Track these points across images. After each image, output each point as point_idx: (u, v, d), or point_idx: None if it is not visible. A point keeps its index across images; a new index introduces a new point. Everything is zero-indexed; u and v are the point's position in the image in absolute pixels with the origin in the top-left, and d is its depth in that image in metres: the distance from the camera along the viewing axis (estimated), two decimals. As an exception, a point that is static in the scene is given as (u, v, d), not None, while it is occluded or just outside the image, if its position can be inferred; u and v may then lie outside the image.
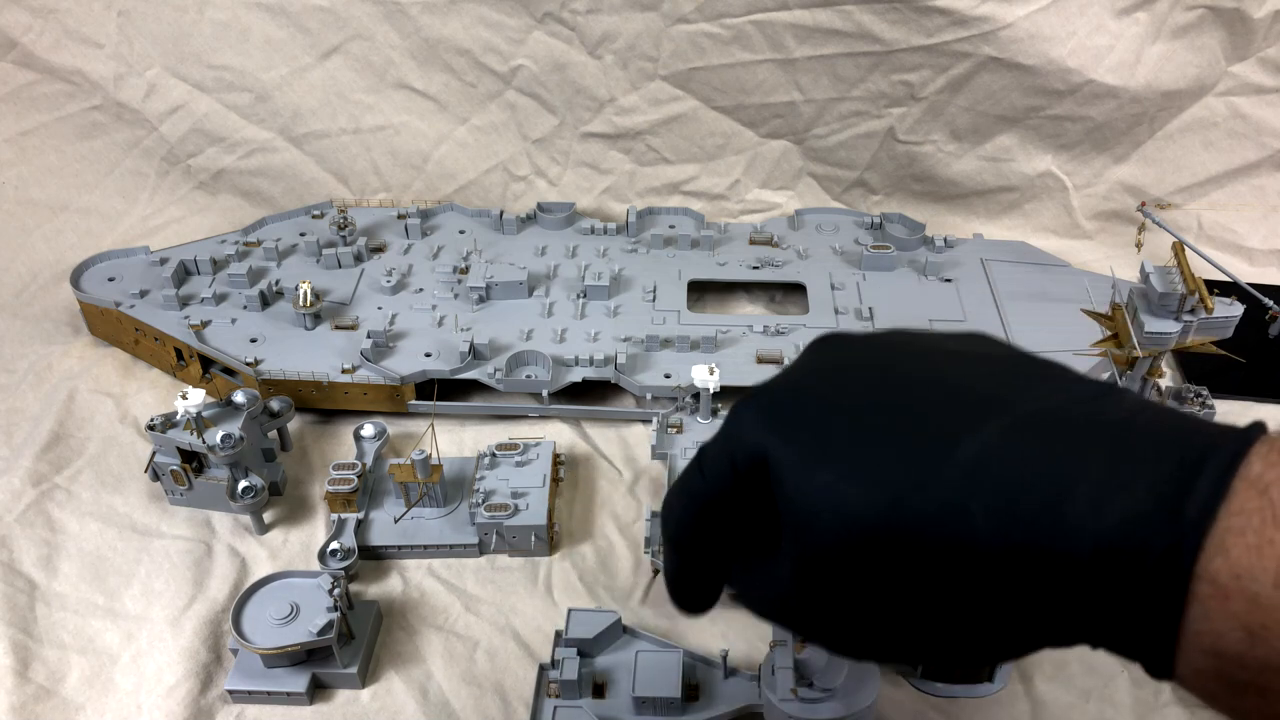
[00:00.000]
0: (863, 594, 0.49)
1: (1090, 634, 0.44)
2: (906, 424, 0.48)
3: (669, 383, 1.43)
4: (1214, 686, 0.40)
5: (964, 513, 0.44)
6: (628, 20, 1.62)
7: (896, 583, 0.47)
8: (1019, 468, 0.44)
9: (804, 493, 0.50)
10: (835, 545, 0.48)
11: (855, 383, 0.52)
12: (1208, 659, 0.39)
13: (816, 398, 0.52)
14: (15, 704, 1.10)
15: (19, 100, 1.76)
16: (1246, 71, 1.64)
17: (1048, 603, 0.44)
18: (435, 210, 1.76)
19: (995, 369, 0.51)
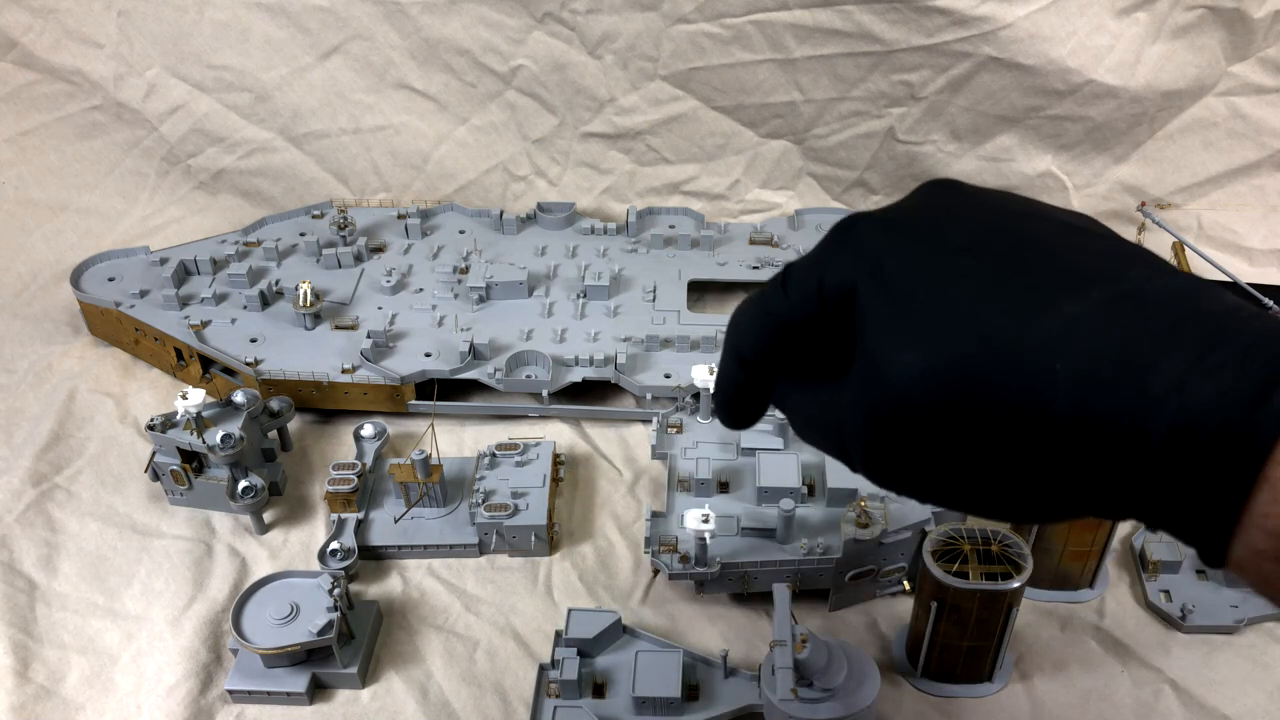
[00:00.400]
0: (926, 440, 0.49)
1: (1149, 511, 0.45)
2: (1006, 279, 0.48)
3: (669, 383, 1.43)
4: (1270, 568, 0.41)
5: (1048, 374, 0.44)
6: (628, 20, 1.62)
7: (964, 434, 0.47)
8: (1111, 337, 0.44)
9: (892, 327, 0.49)
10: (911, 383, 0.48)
11: (961, 230, 0.51)
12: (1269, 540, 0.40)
13: (920, 241, 0.51)
14: (15, 704, 1.10)
15: (19, 100, 1.76)
16: (1246, 71, 1.64)
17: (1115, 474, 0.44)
18: (435, 210, 1.76)
19: (1102, 245, 0.50)
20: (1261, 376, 0.41)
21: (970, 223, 0.52)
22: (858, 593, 1.20)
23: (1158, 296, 0.46)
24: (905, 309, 0.49)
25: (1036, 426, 0.45)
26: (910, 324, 0.49)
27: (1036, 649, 1.16)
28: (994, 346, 0.46)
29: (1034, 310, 0.46)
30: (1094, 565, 1.19)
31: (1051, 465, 0.46)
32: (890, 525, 1.14)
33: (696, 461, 1.26)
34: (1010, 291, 0.47)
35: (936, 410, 0.48)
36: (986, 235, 0.50)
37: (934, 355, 0.47)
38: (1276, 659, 1.15)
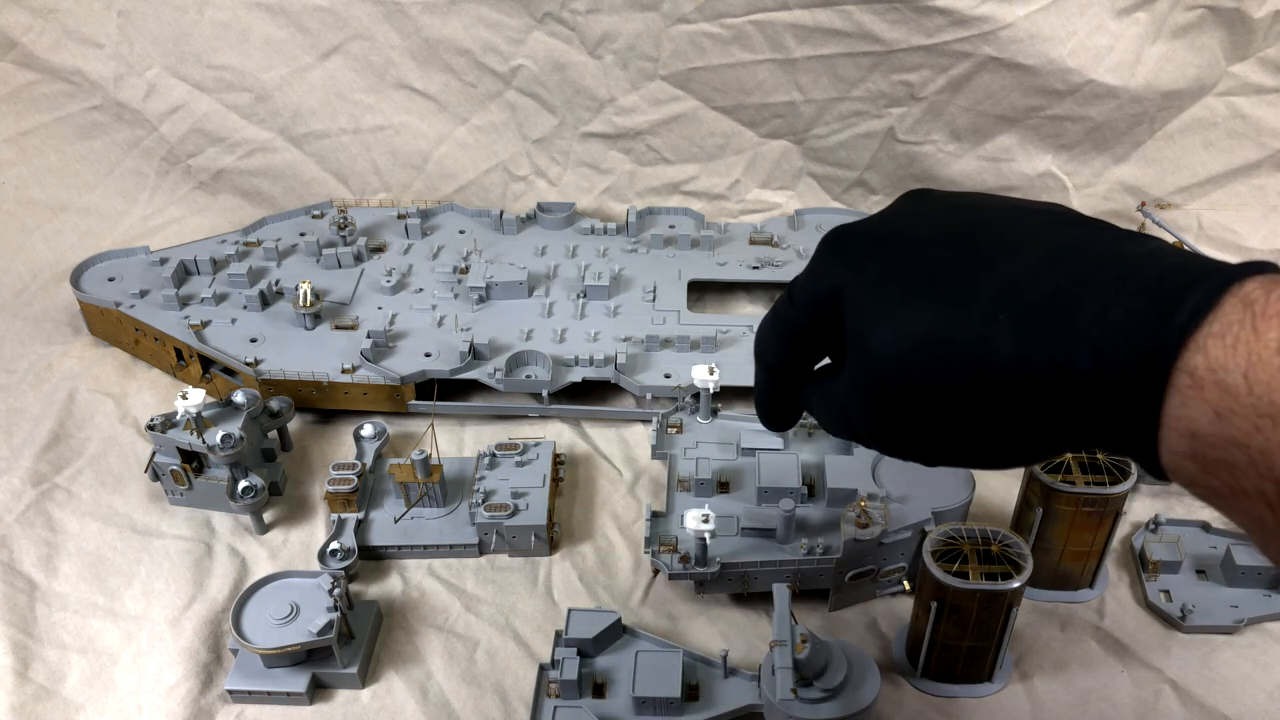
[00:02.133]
0: (910, 405, 0.57)
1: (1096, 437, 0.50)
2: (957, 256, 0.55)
3: (669, 383, 1.43)
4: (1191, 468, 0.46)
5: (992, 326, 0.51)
6: (628, 20, 1.62)
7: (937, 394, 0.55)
8: (1043, 286, 0.51)
9: (865, 327, 0.58)
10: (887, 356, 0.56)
11: (923, 227, 0.59)
12: (1184, 441, 0.45)
13: (888, 240, 0.60)
14: (15, 704, 1.10)
15: (19, 100, 1.76)
16: (1246, 71, 1.64)
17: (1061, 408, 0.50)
18: (435, 210, 1.76)
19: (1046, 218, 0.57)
20: (1168, 298, 0.46)
21: (931, 219, 0.60)
22: (858, 593, 1.20)
23: (1085, 248, 0.52)
24: (878, 297, 0.58)
25: (988, 373, 0.52)
26: (882, 308, 0.57)
27: (1036, 649, 1.16)
28: (947, 311, 0.54)
29: (977, 276, 0.53)
30: (1094, 565, 1.19)
31: (1008, 407, 0.52)
32: (890, 525, 1.14)
33: (696, 461, 1.26)
34: (959, 265, 0.55)
35: (911, 376, 0.55)
36: (944, 227, 0.59)
37: (900, 326, 0.56)
38: (1276, 659, 1.15)
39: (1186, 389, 0.45)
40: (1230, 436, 0.44)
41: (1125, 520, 1.26)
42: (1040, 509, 1.14)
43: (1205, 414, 0.44)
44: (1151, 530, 1.26)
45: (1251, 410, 0.43)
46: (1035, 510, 1.14)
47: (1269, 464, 0.43)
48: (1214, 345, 0.44)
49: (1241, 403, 0.43)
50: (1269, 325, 0.43)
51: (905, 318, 0.56)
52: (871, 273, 0.59)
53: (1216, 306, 0.45)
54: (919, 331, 0.55)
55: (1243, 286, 0.45)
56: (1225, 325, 0.44)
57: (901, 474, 1.22)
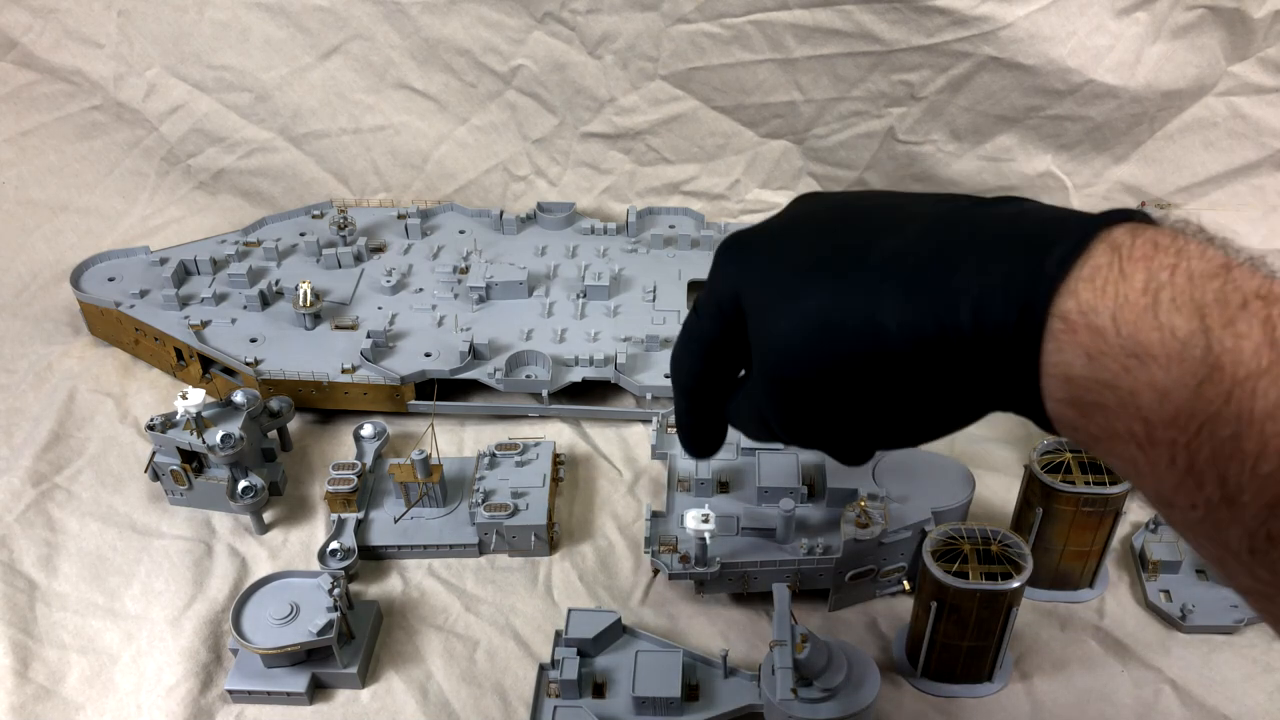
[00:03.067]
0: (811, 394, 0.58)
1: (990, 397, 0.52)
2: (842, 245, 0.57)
3: (669, 383, 1.42)
4: (1070, 414, 0.47)
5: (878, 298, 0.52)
6: (628, 20, 1.62)
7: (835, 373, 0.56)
8: (923, 256, 0.52)
9: (761, 321, 0.59)
10: (786, 346, 0.57)
11: (814, 225, 0.61)
12: (1062, 386, 0.46)
13: (778, 237, 0.61)
14: (15, 704, 1.10)
15: (19, 100, 1.76)
16: (1246, 71, 1.64)
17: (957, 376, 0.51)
18: (435, 210, 1.76)
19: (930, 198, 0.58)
20: (1040, 248, 0.47)
21: (818, 216, 0.62)
22: (858, 593, 1.20)
23: (963, 216, 0.53)
24: (771, 289, 0.59)
25: (881, 345, 0.52)
26: (775, 299, 0.58)
27: (1036, 649, 1.16)
28: (836, 290, 0.55)
29: (862, 253, 0.55)
30: (1094, 565, 1.19)
31: (908, 380, 0.53)
32: (890, 525, 1.14)
33: (696, 461, 1.26)
34: (844, 248, 0.56)
35: (810, 360, 0.56)
36: (830, 219, 0.60)
37: (794, 314, 0.57)
38: (1276, 659, 1.15)
39: (1060, 334, 0.45)
40: (1102, 379, 0.44)
41: (1125, 520, 1.26)
42: (1040, 509, 1.14)
43: (1079, 357, 0.45)
44: (1151, 530, 1.26)
45: (1120, 350, 0.43)
46: (1035, 510, 1.14)
47: (1137, 404, 0.43)
48: (1084, 289, 0.45)
49: (1110, 344, 0.44)
50: (1135, 268, 0.44)
51: (797, 303, 0.57)
52: (764, 269, 0.60)
53: (1086, 251, 0.45)
54: (810, 313, 0.56)
55: (1111, 233, 0.46)
56: (1094, 269, 0.45)
57: (901, 474, 1.22)
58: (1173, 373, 0.42)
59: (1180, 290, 0.43)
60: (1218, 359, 0.41)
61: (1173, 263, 0.44)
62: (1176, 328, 0.42)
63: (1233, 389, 0.41)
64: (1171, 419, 0.42)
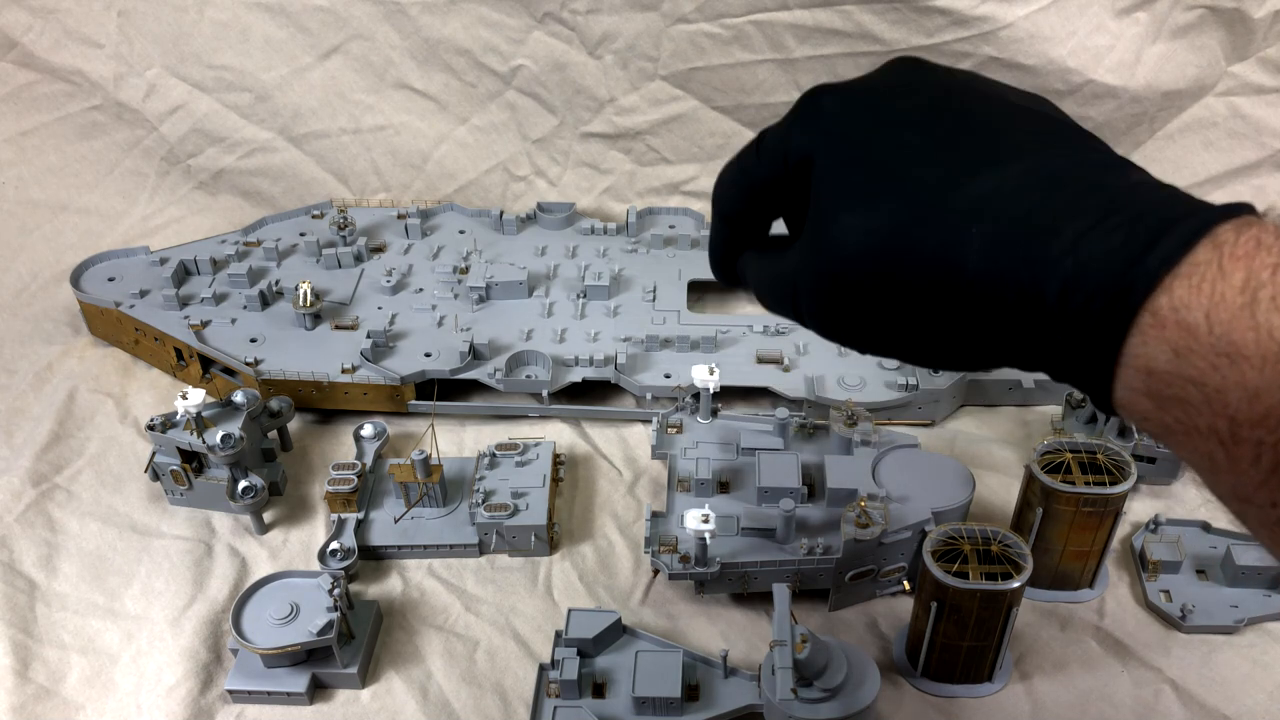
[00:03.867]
0: (863, 295, 0.55)
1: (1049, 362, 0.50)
2: (940, 152, 0.53)
3: (669, 383, 1.43)
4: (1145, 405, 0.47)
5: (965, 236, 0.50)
6: (628, 20, 1.62)
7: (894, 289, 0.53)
8: (1021, 206, 0.50)
9: (831, 206, 0.56)
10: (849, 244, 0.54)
11: (912, 106, 0.57)
12: (1140, 378, 0.46)
13: (871, 113, 0.57)
14: (15, 704, 1.10)
15: (19, 100, 1.76)
16: (1246, 71, 1.64)
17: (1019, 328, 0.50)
18: (435, 210, 1.76)
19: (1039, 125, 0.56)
20: (1144, 236, 0.46)
21: (920, 99, 0.57)
22: (858, 593, 1.20)
23: (1068, 172, 0.51)
24: (850, 176, 0.55)
25: (952, 284, 0.51)
26: (852, 190, 0.55)
27: (1036, 649, 1.16)
28: (920, 212, 0.52)
29: (957, 182, 0.52)
30: (1094, 565, 1.19)
31: (967, 319, 0.52)
32: (890, 525, 1.14)
33: (696, 462, 1.26)
34: (940, 164, 0.53)
35: (870, 267, 0.54)
36: (932, 111, 0.56)
37: (869, 218, 0.53)
38: (1276, 659, 1.15)
39: (1149, 328, 0.45)
40: (1187, 374, 0.44)
41: (1125, 520, 1.26)
42: (1040, 509, 1.14)
43: (1164, 352, 0.44)
44: (1151, 530, 1.26)
45: (1210, 349, 0.43)
46: (1035, 510, 1.14)
47: (1224, 402, 0.43)
48: (1180, 285, 0.44)
49: (1201, 341, 0.43)
50: (1235, 266, 0.43)
51: (873, 209, 0.54)
52: (846, 148, 0.56)
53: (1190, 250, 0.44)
54: (886, 227, 0.53)
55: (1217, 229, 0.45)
56: (1194, 265, 0.44)
57: (901, 474, 1.22)
58: (1266, 373, 0.42)
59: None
60: None
61: (1275, 262, 0.43)
62: (1275, 328, 0.42)
63: None
64: (1261, 418, 0.42)
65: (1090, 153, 0.53)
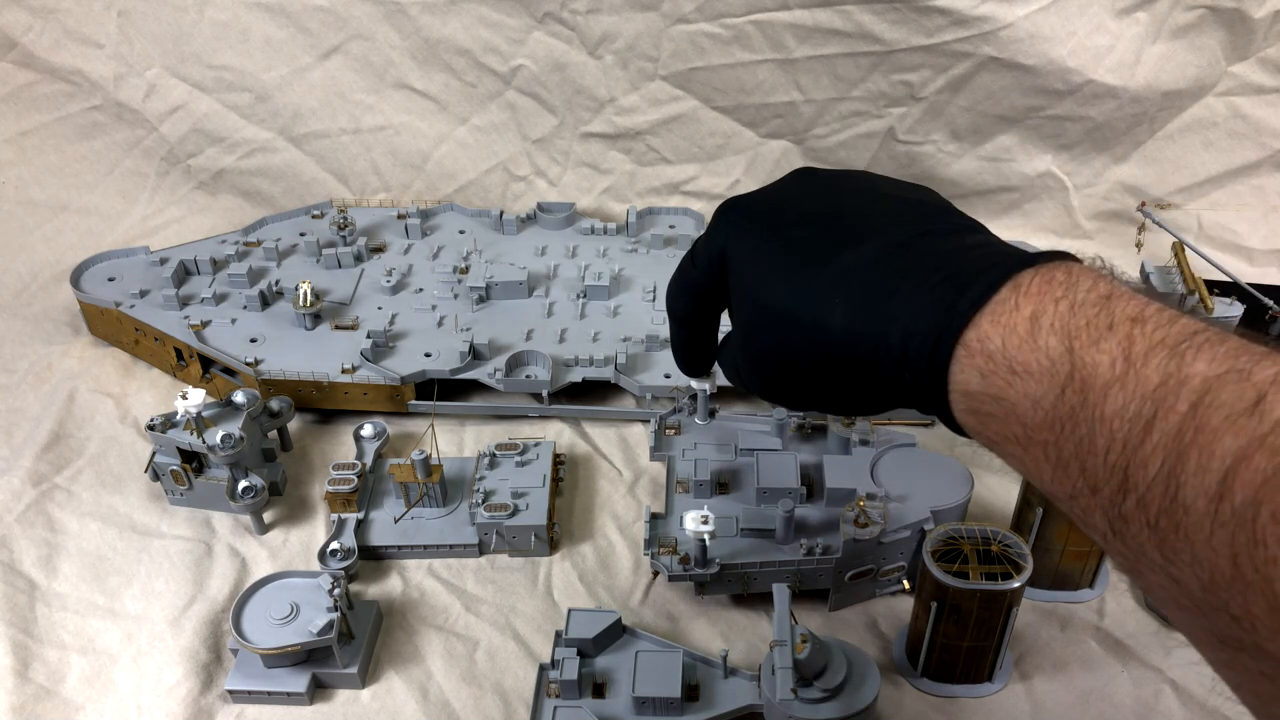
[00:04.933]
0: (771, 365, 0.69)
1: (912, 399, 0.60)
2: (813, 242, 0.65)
3: (669, 383, 1.43)
4: (971, 421, 0.56)
5: (831, 306, 0.62)
6: (628, 20, 1.62)
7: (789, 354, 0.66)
8: (873, 277, 0.61)
9: (745, 280, 0.69)
10: (757, 322, 0.68)
11: (799, 204, 0.69)
12: (962, 400, 0.56)
13: (767, 216, 0.70)
14: (15, 704, 1.10)
15: (19, 100, 1.76)
16: (1246, 71, 1.64)
17: (884, 377, 0.60)
18: (435, 210, 1.76)
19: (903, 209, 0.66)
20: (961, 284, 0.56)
21: (805, 201, 0.70)
22: (858, 593, 1.20)
23: (917, 244, 0.61)
24: (750, 268, 0.68)
25: (826, 345, 0.62)
26: (752, 279, 0.68)
27: (1036, 649, 1.16)
28: (797, 293, 0.64)
29: (827, 262, 0.63)
30: (1094, 565, 1.19)
31: (845, 373, 0.63)
32: (889, 525, 1.14)
33: (695, 463, 1.26)
34: (815, 250, 0.65)
35: (771, 342, 0.67)
36: (813, 209, 0.68)
37: (763, 300, 0.66)
38: (1276, 659, 1.15)
39: (963, 358, 0.54)
40: (990, 392, 0.53)
41: (1125, 520, 1.26)
42: (1040, 509, 1.14)
43: (974, 375, 0.54)
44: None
45: (1005, 369, 0.52)
46: (1035, 510, 1.14)
47: (1016, 412, 0.52)
48: (985, 320, 0.54)
49: (998, 364, 0.53)
50: (1027, 301, 0.53)
51: (767, 291, 0.66)
52: (749, 244, 0.69)
53: (995, 291, 0.54)
54: (776, 306, 0.65)
55: (1021, 274, 0.54)
56: (997, 304, 0.54)
57: (901, 474, 1.22)
58: (1043, 384, 0.51)
59: (1060, 317, 0.51)
60: (1078, 372, 0.49)
61: (1059, 295, 0.52)
62: (1050, 348, 0.51)
63: (1087, 395, 0.49)
64: (1043, 422, 0.51)
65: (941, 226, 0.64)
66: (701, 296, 0.76)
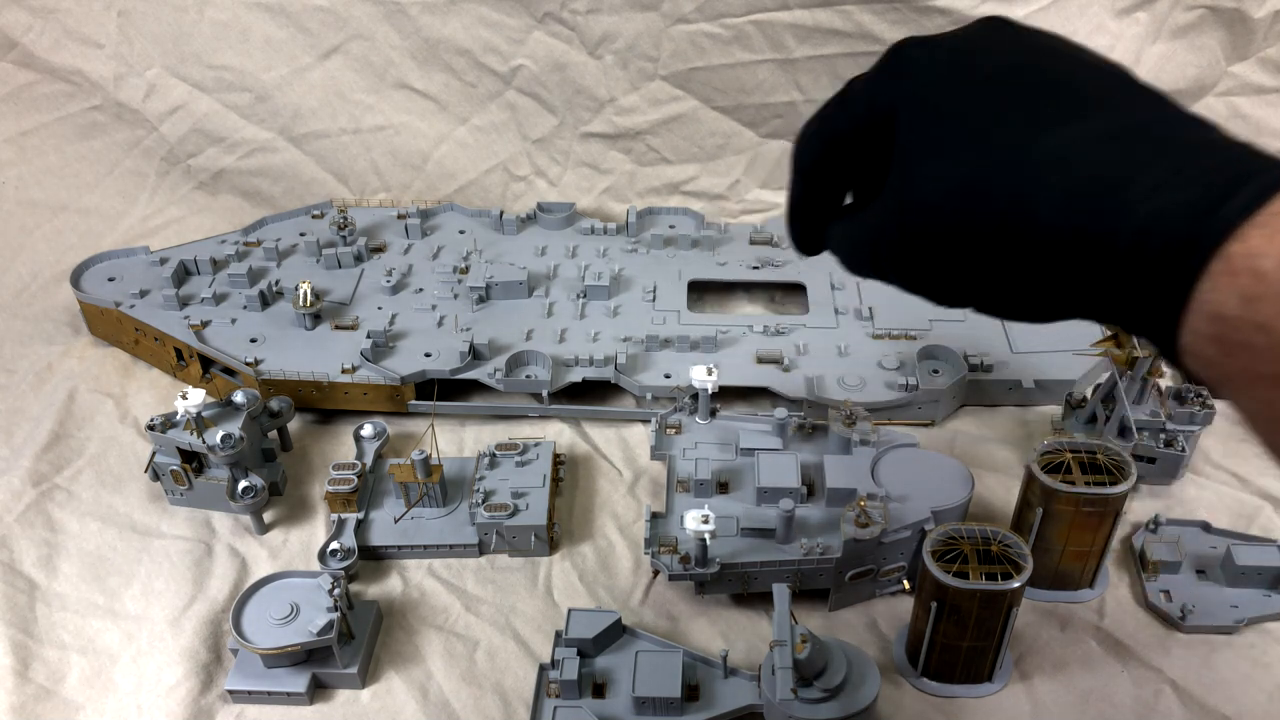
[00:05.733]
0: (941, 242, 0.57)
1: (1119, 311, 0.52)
2: (1022, 106, 0.55)
3: (669, 383, 1.43)
4: (1210, 350, 0.47)
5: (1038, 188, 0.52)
6: (628, 20, 1.62)
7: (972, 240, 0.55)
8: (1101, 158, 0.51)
9: (920, 143, 0.57)
10: (931, 194, 0.56)
11: (997, 63, 0.59)
12: (1208, 323, 0.46)
13: (957, 69, 0.59)
14: (15, 704, 1.10)
15: (19, 100, 1.76)
16: (1246, 71, 1.64)
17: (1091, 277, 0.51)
18: (435, 210, 1.76)
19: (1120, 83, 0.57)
20: (1222, 187, 0.47)
21: (1005, 57, 0.59)
22: (858, 593, 1.20)
23: (1150, 126, 0.52)
24: (934, 129, 0.57)
25: (1024, 236, 0.52)
26: (936, 142, 0.57)
27: (1036, 649, 1.16)
28: (1000, 163, 0.53)
29: (1038, 135, 0.53)
30: (1094, 565, 1.19)
31: (1037, 269, 0.53)
32: (890, 525, 1.14)
33: (695, 462, 1.26)
34: (1023, 118, 0.54)
35: (949, 216, 0.55)
36: (1016, 69, 0.58)
37: (951, 169, 0.55)
38: (1276, 659, 1.15)
39: (1219, 274, 0.45)
40: (1255, 320, 0.44)
41: (1125, 520, 1.26)
42: (1040, 509, 1.14)
43: (1233, 298, 0.45)
44: (1151, 530, 1.26)
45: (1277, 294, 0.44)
46: (1035, 510, 1.14)
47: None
48: (1255, 234, 0.45)
49: (1271, 288, 0.44)
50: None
51: (955, 159, 0.55)
52: (932, 101, 0.58)
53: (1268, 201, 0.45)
54: (965, 176, 0.54)
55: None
56: (1270, 215, 0.45)
57: (901, 474, 1.22)
58: None
59: None
60: None
61: None
62: None
63: None
64: None
65: (1169, 109, 0.54)
66: (841, 147, 0.64)
